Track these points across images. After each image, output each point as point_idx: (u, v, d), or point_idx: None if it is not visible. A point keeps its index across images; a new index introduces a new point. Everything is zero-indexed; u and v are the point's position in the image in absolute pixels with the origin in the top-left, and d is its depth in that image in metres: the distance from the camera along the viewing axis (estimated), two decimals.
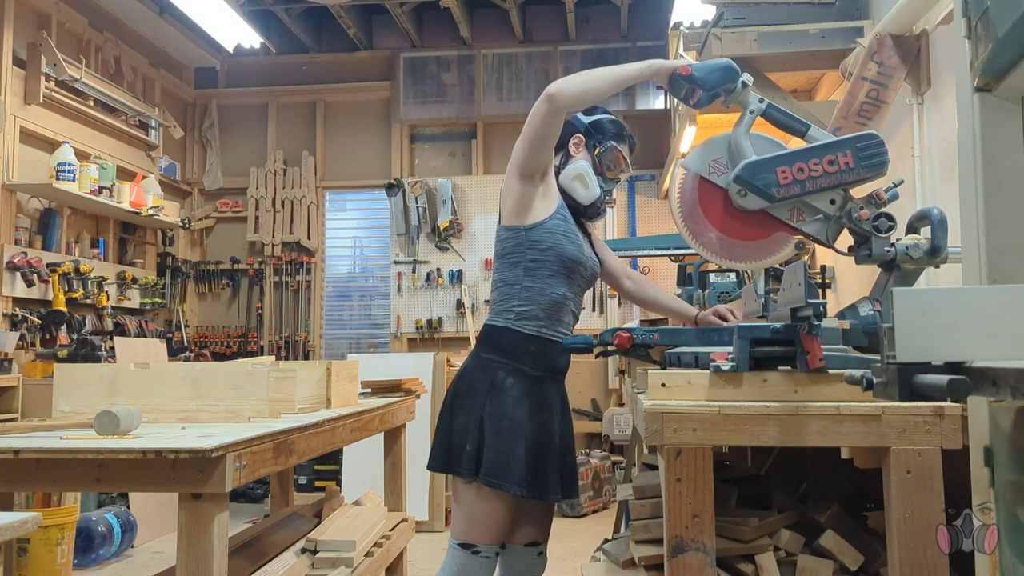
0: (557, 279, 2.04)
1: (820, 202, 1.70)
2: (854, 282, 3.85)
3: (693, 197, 1.78)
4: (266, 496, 5.73)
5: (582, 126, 2.16)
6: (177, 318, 6.65)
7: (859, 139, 1.67)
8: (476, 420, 1.96)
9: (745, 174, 1.69)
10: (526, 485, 1.92)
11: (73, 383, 2.21)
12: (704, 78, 1.76)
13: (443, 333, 6.67)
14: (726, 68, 1.76)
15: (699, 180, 1.77)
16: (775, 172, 1.68)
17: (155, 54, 6.52)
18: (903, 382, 0.88)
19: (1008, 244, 1.14)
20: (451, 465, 1.97)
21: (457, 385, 2.05)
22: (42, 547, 3.48)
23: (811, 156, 1.68)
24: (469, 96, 6.97)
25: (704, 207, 1.77)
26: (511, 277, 2.05)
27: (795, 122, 1.76)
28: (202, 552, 1.68)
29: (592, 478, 5.43)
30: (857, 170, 1.66)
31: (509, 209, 2.05)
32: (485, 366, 2.02)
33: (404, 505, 3.35)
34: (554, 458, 2.01)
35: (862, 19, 3.51)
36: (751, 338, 1.57)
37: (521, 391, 1.99)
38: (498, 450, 1.92)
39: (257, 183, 6.95)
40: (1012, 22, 1.02)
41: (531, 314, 2.02)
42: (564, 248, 2.03)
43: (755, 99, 1.76)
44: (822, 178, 1.67)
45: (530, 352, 2.02)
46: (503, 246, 2.07)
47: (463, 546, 1.97)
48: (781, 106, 1.80)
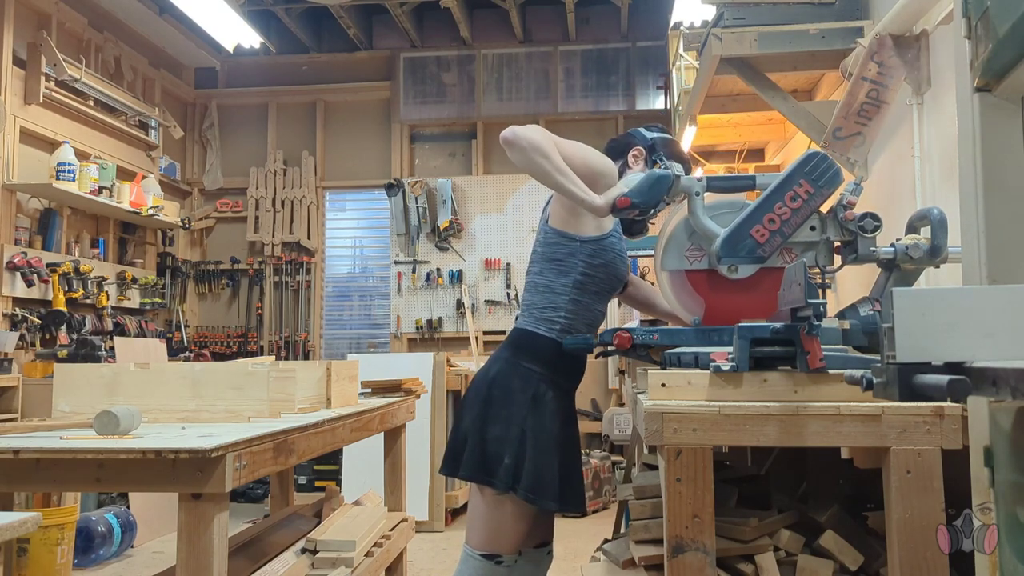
0: (602, 296, 2.04)
1: (803, 235, 1.73)
2: (854, 282, 3.85)
3: (689, 290, 1.82)
4: (266, 496, 5.73)
5: (645, 141, 2.11)
6: (177, 318, 6.66)
7: (803, 164, 1.71)
8: (517, 432, 1.91)
9: (725, 252, 1.72)
10: (560, 500, 1.91)
11: (73, 383, 2.21)
12: (646, 201, 1.75)
13: (443, 333, 6.68)
14: (659, 179, 1.75)
15: (685, 275, 1.81)
16: (751, 236, 1.71)
17: (155, 54, 6.52)
18: (903, 382, 0.88)
19: (1008, 244, 1.14)
20: (486, 476, 1.92)
21: (490, 391, 1.97)
22: (42, 547, 3.48)
23: (774, 202, 1.70)
24: (469, 96, 6.97)
25: (703, 293, 1.81)
26: (558, 285, 2.01)
27: (738, 181, 1.80)
28: (202, 552, 1.68)
29: (592, 478, 5.43)
30: (818, 193, 1.70)
31: (563, 216, 2.01)
32: (526, 376, 1.97)
33: (404, 505, 3.35)
34: (579, 469, 2.03)
35: (862, 19, 3.51)
36: (751, 338, 1.57)
37: (557, 405, 1.98)
38: (537, 465, 1.89)
39: (257, 183, 6.95)
40: (1012, 22, 1.02)
41: (574, 328, 2.00)
42: (617, 268, 2.03)
43: (694, 182, 1.78)
44: (793, 217, 1.70)
45: (568, 366, 2.02)
46: (553, 250, 2.02)
47: (487, 556, 1.94)
48: (717, 176, 1.84)
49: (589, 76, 6.90)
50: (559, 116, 6.84)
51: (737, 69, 3.67)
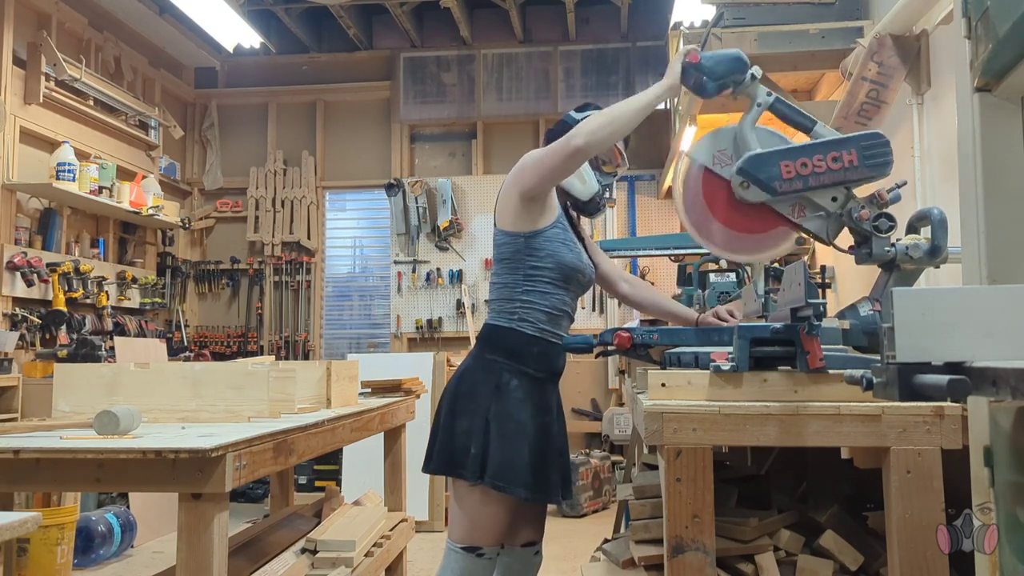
0: (556, 286, 2.04)
1: (822, 199, 1.69)
2: (854, 282, 3.85)
3: (697, 188, 1.76)
4: (266, 496, 5.73)
5: (575, 123, 2.12)
6: (177, 318, 6.65)
7: (864, 138, 1.67)
8: (481, 423, 1.94)
9: (748, 166, 1.68)
10: (531, 488, 1.91)
11: (73, 383, 2.21)
12: (712, 68, 1.74)
13: (443, 333, 6.67)
14: (735, 59, 1.74)
15: (704, 171, 1.76)
16: (778, 166, 1.67)
17: (155, 54, 6.52)
18: (903, 382, 0.88)
19: (1008, 244, 1.14)
20: (455, 468, 1.96)
21: (458, 386, 2.03)
22: (42, 547, 3.48)
23: (815, 152, 1.67)
24: (469, 96, 6.97)
25: (708, 198, 1.76)
26: (511, 282, 2.04)
27: (802, 118, 1.75)
28: (202, 552, 1.68)
29: (592, 478, 5.43)
30: (861, 169, 1.66)
31: (508, 217, 2.04)
32: (489, 367, 2.00)
33: (404, 505, 3.35)
34: (555, 460, 2.01)
35: (862, 19, 3.51)
36: (751, 338, 1.57)
37: (525, 393, 1.98)
38: (504, 452, 1.91)
39: (257, 183, 6.95)
40: (1012, 22, 1.02)
41: (532, 316, 2.02)
42: (563, 256, 2.03)
43: (763, 92, 1.75)
44: (825, 175, 1.66)
45: (533, 354, 2.01)
46: (502, 251, 2.07)
47: (467, 549, 1.96)
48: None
49: (589, 76, 6.90)
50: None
51: None
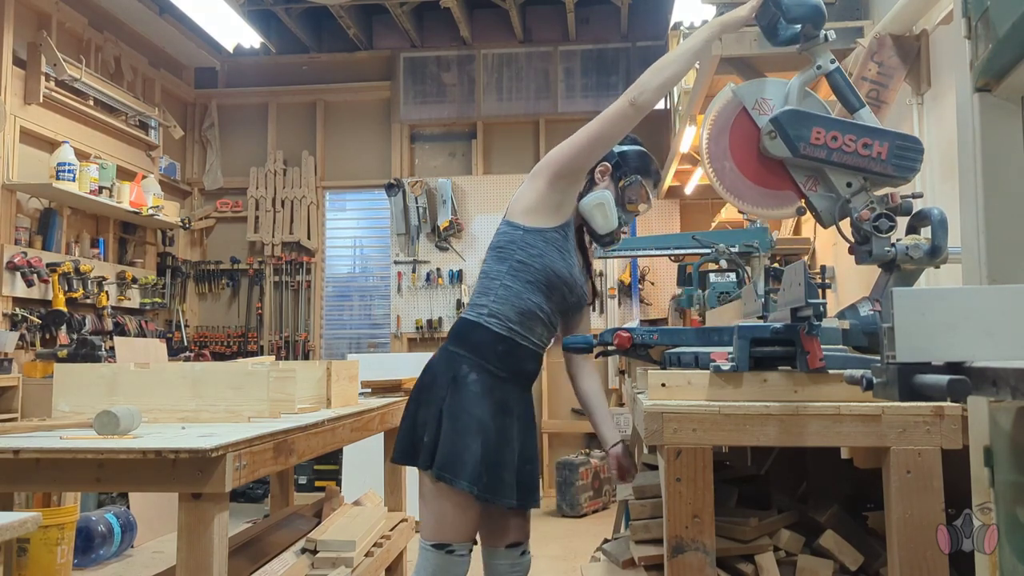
0: (536, 288, 2.01)
1: (838, 180, 1.69)
2: (854, 282, 3.85)
3: (727, 123, 1.77)
4: (266, 496, 5.73)
5: (611, 156, 2.10)
6: (177, 318, 6.65)
7: (902, 137, 1.67)
8: (435, 412, 1.94)
9: (783, 118, 1.68)
10: (480, 484, 1.88)
11: (73, 383, 2.21)
12: (791, 7, 1.71)
13: (443, 333, 6.66)
14: (816, 7, 1.71)
15: (741, 111, 1.77)
16: (811, 129, 1.67)
17: (155, 54, 6.52)
18: (903, 382, 0.88)
19: (1008, 244, 1.14)
20: (411, 458, 1.96)
21: (422, 378, 2.04)
22: (42, 547, 3.48)
23: (851, 131, 1.67)
24: (469, 96, 6.98)
25: (733, 137, 1.77)
26: (494, 271, 2.03)
27: (853, 96, 1.74)
28: (202, 552, 1.68)
29: (592, 478, 5.43)
30: (886, 164, 1.65)
31: (522, 207, 2.03)
32: (450, 359, 2.00)
33: (404, 505, 3.35)
34: (511, 463, 1.97)
35: (862, 19, 3.51)
36: (751, 338, 1.57)
37: (483, 388, 1.96)
38: (453, 444, 1.90)
39: (257, 183, 6.95)
40: (1012, 22, 1.02)
41: (502, 313, 2.00)
42: (553, 261, 2.01)
43: (828, 58, 1.75)
44: (851, 156, 1.66)
45: (497, 352, 1.99)
46: (499, 239, 2.06)
47: (437, 547, 1.94)
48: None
49: (589, 76, 6.90)
50: (559, 116, 6.84)
51: (737, 69, 3.67)
